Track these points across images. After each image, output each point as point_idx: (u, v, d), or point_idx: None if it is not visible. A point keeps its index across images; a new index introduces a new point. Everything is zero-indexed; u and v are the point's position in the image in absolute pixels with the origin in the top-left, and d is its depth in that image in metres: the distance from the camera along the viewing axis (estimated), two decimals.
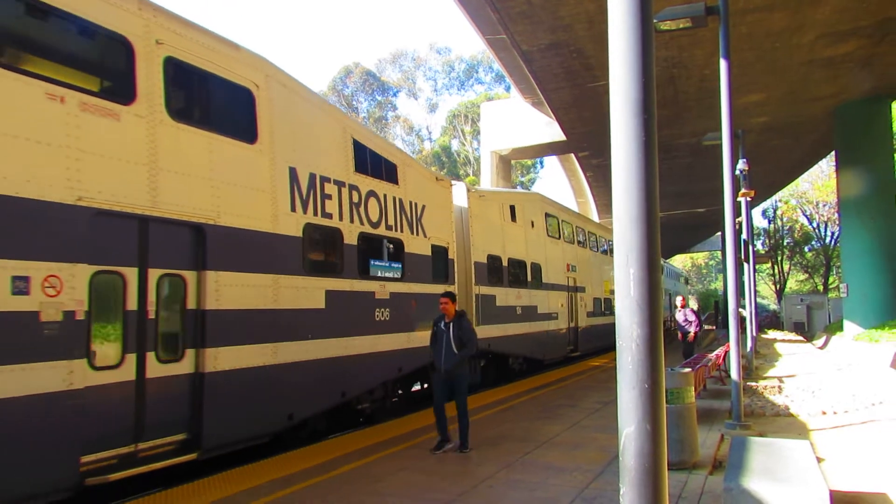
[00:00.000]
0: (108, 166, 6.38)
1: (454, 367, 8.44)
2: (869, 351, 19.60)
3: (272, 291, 8.39)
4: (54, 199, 5.85)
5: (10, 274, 5.44)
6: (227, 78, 8.06)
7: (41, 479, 5.63)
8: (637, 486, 2.45)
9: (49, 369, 5.68)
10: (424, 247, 12.31)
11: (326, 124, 9.98)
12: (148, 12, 6.99)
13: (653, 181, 2.52)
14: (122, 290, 6.56)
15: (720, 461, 7.53)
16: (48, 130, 5.86)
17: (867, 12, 17.26)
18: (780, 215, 59.05)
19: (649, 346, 2.48)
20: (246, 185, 8.12)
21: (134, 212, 6.61)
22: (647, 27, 2.53)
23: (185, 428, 7.11)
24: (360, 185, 10.42)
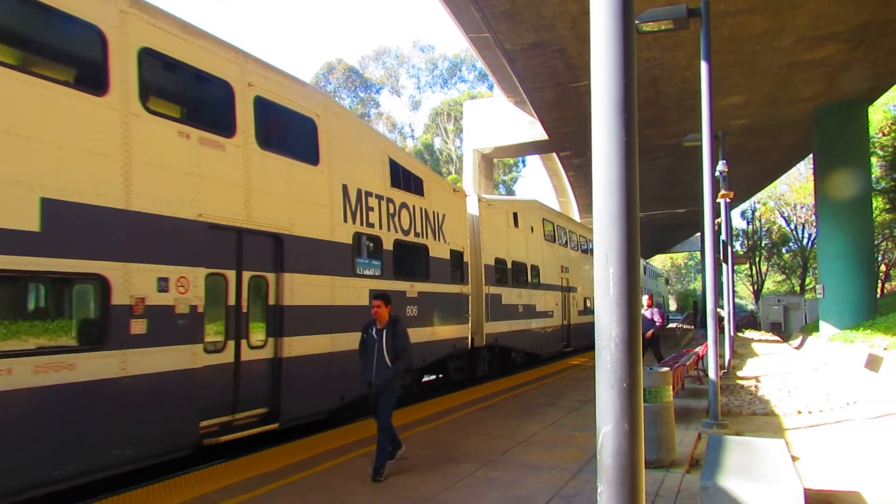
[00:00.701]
0: (217, 188, 7.93)
1: (387, 383, 7.20)
2: (844, 351, 19.87)
3: (330, 290, 9.97)
4: (184, 216, 7.40)
5: (155, 276, 7.00)
6: (297, 110, 9.63)
7: (178, 437, 7.23)
8: (614, 485, 2.47)
9: (180, 351, 7.25)
10: (445, 251, 13.96)
11: (368, 145, 11.56)
12: (241, 59, 8.60)
13: (633, 181, 2.53)
14: (224, 288, 8.10)
15: (697, 459, 7.59)
16: (180, 161, 7.41)
17: (845, 18, 17.48)
18: (758, 217, 59.71)
19: (628, 345, 2.49)
20: (311, 200, 9.68)
21: (234, 224, 8.17)
22: (629, 28, 2.55)
23: (267, 403, 8.62)
24: (394, 198, 12.00)
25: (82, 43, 6.81)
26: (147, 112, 7.09)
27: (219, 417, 7.84)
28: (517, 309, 18.52)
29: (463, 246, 14.87)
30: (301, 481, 6.88)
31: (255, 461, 7.78)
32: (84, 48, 6.82)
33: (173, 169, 7.31)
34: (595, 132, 2.57)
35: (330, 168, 10.15)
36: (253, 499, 6.29)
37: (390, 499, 6.32)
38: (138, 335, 6.75)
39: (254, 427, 8.29)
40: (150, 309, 6.90)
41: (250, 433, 8.18)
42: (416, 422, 10.33)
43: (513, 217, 18.85)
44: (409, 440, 8.92)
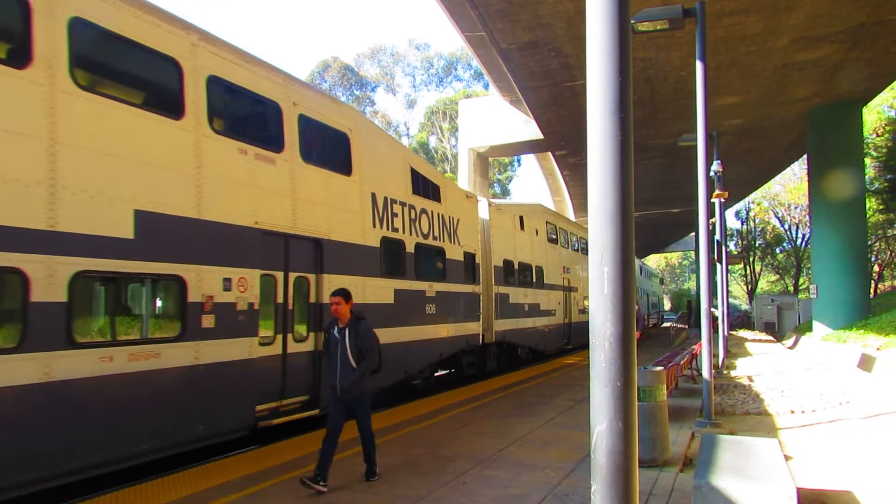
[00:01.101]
0: (269, 198, 8.91)
1: (352, 386, 6.68)
2: (837, 351, 19.94)
3: (361, 289, 10.85)
4: (243, 223, 8.41)
5: (221, 276, 7.98)
6: (333, 126, 10.62)
7: (239, 418, 8.23)
8: (608, 484, 2.47)
9: (241, 343, 8.23)
10: (459, 253, 14.97)
11: (393, 156, 12.58)
12: (288, 81, 9.68)
13: (628, 180, 2.53)
14: (274, 288, 9.06)
15: (691, 459, 7.62)
16: (240, 175, 8.44)
17: (840, 19, 17.52)
18: (752, 217, 59.88)
19: (622, 344, 2.49)
20: (345, 208, 10.68)
21: (283, 231, 9.13)
22: (624, 28, 2.54)
23: (308, 391, 9.62)
24: (415, 205, 13.02)
25: (163, 73, 7.74)
26: (214, 132, 8.09)
27: (270, 403, 8.85)
28: (523, 308, 19.55)
29: (475, 248, 15.96)
30: (294, 480, 6.87)
31: (247, 459, 7.77)
32: (164, 77, 7.78)
33: (235, 182, 8.37)
34: (590, 131, 2.57)
35: (361, 178, 11.17)
36: (246, 497, 6.29)
37: (384, 497, 6.32)
38: (208, 328, 7.78)
39: (297, 412, 9.28)
40: (217, 306, 7.93)
41: (294, 418, 9.19)
42: (409, 420, 10.33)
43: (519, 220, 19.83)
44: (403, 439, 8.93)
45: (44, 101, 6.14)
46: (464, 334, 15.14)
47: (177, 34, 7.67)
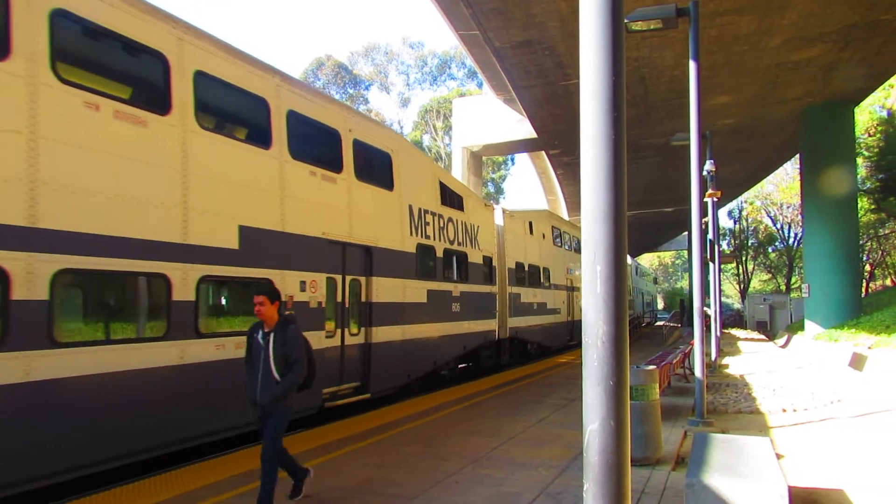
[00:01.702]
0: (331, 213, 10.40)
1: (273, 403, 5.69)
2: (828, 350, 20.04)
3: (401, 290, 12.35)
4: (313, 234, 9.89)
5: (298, 279, 9.47)
6: (380, 148, 12.05)
7: (311, 399, 9.50)
8: (600, 482, 2.47)
9: (313, 336, 9.25)
10: (479, 257, 16.42)
11: (425, 171, 14.01)
12: (345, 111, 11.39)
13: (621, 179, 2.53)
14: (335, 289, 10.47)
15: (683, 457, 7.64)
16: (311, 194, 9.90)
17: (832, 19, 17.59)
18: (745, 216, 60.10)
19: (615, 343, 2.49)
20: (388, 219, 12.13)
21: (341, 240, 10.57)
22: (617, 27, 2.54)
23: (360, 378, 11.06)
24: (443, 214, 14.47)
25: (257, 111, 9.14)
26: (293, 159, 9.50)
27: (331, 387, 10.32)
28: (532, 306, 21.08)
29: (492, 252, 17.37)
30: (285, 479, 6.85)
31: (239, 459, 7.75)
32: (257, 115, 9.19)
33: (307, 200, 9.83)
34: (583, 130, 2.57)
35: (401, 192, 12.61)
36: (237, 496, 6.27)
37: (376, 496, 6.31)
38: None
39: (351, 396, 10.73)
40: (296, 304, 9.40)
41: (349, 401, 10.63)
42: (403, 419, 10.33)
43: (529, 225, 21.36)
44: (397, 438, 8.93)
45: (178, 143, 7.64)
46: (483, 330, 16.52)
47: (262, 77, 9.22)
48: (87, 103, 6.59)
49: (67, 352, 6.24)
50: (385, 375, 11.70)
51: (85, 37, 6.87)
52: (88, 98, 6.61)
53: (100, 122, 6.70)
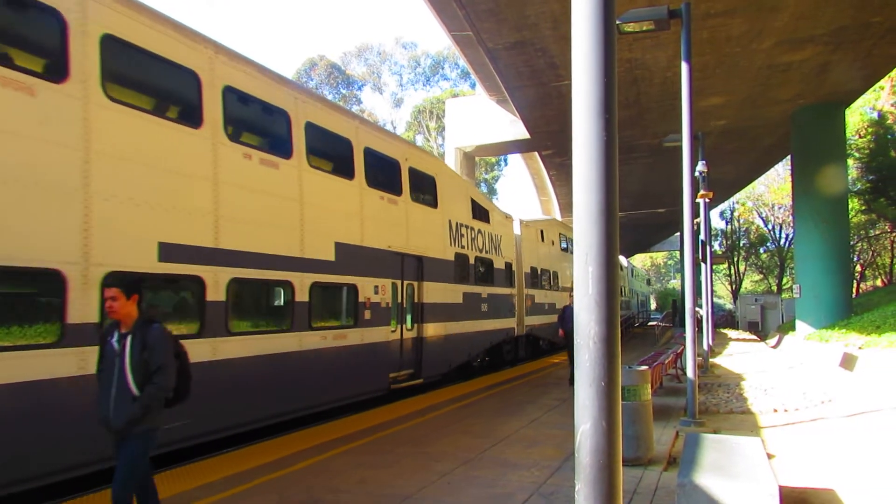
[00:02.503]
0: (394, 229, 12.47)
1: (130, 423, 4.53)
2: (819, 350, 20.13)
3: (443, 292, 14.50)
4: (382, 247, 12.02)
5: (373, 284, 11.55)
6: (428, 173, 14.20)
7: (380, 382, 11.90)
8: (592, 483, 2.48)
9: (382, 330, 11.86)
10: (501, 263, 18.63)
11: (460, 190, 16.12)
12: (403, 144, 13.81)
13: (613, 181, 2.54)
14: (396, 291, 12.49)
15: (675, 457, 7.66)
16: (380, 214, 12.02)
17: (823, 21, 17.67)
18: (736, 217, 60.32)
19: (607, 343, 2.50)
20: (434, 232, 14.31)
21: (401, 251, 12.64)
22: (609, 29, 2.55)
23: (413, 366, 13.09)
24: (473, 226, 16.60)
25: (345, 150, 11.21)
26: (368, 186, 11.62)
27: (394, 373, 12.30)
28: (544, 307, 23.30)
29: (511, 258, 19.57)
30: (279, 479, 6.85)
31: (233, 459, 7.73)
32: (346, 153, 11.23)
33: (378, 219, 11.90)
34: (575, 132, 2.58)
35: (443, 210, 14.75)
36: (231, 496, 6.26)
37: (368, 496, 6.31)
38: (367, 319, 11.42)
39: (407, 381, 12.81)
40: (372, 304, 11.53)
41: (406, 385, 12.69)
42: (396, 420, 10.32)
43: (540, 233, 23.58)
44: (390, 438, 8.92)
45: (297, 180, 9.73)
46: (504, 328, 18.62)
47: (348, 122, 11.42)
48: (256, 157, 9.03)
49: (236, 339, 8.42)
50: (432, 364, 13.77)
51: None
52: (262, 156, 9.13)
53: (251, 167, 8.88)
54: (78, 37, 6.59)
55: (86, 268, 6.42)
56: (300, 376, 9.58)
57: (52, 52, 6.55)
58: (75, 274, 6.29)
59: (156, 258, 7.30)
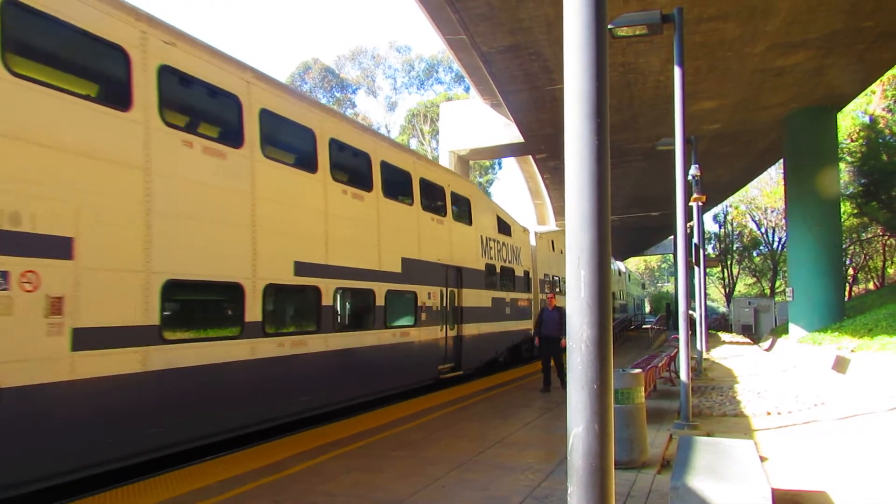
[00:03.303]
0: (441, 244, 14.55)
1: None
2: (812, 353, 20.20)
3: (476, 298, 16.55)
4: (434, 260, 14.09)
5: (427, 291, 13.64)
6: (464, 195, 16.35)
7: (431, 372, 13.98)
8: (584, 485, 2.48)
9: (434, 329, 14.05)
10: (521, 271, 20.75)
11: (488, 209, 18.25)
12: (448, 173, 16.26)
13: (605, 184, 2.55)
14: (443, 297, 14.54)
15: (668, 460, 7.67)
16: (432, 232, 14.11)
17: (815, 26, 17.78)
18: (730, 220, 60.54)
19: (599, 347, 2.51)
20: (470, 246, 16.44)
21: (446, 263, 14.77)
22: (601, 33, 2.57)
23: (455, 360, 15.18)
24: (499, 240, 18.68)
25: (407, 180, 13.35)
26: (423, 210, 13.86)
27: (441, 365, 14.47)
28: None
29: (529, 267, 21.73)
30: (274, 483, 6.83)
31: (228, 463, 7.71)
32: (408, 182, 13.37)
33: (431, 237, 14.05)
34: (567, 136, 2.59)
35: (476, 226, 16.88)
36: (225, 500, 6.23)
37: (362, 500, 6.30)
38: (423, 320, 13.61)
39: (451, 372, 14.93)
40: (426, 308, 13.74)
41: (449, 375, 14.86)
42: (390, 423, 10.31)
43: (551, 243, 25.54)
44: (384, 442, 8.91)
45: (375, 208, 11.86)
46: (523, 329, 20.32)
47: (407, 157, 13.67)
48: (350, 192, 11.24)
49: (339, 335, 10.64)
50: (469, 359, 15.90)
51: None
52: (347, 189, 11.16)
53: (347, 200, 11.04)
54: (248, 113, 8.82)
55: (254, 281, 8.65)
56: (379, 365, 11.84)
57: (234, 129, 8.66)
58: (248, 286, 8.55)
59: (292, 273, 9.55)
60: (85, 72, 7.16)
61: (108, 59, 7.10)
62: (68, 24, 6.47)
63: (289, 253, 9.47)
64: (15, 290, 5.76)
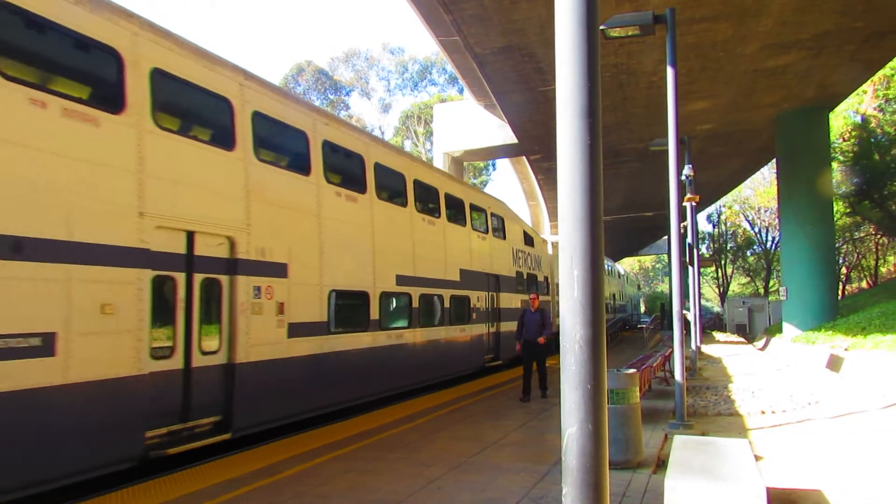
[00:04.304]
0: (484, 257, 17.61)
1: None
2: (806, 352, 20.26)
3: (509, 300, 19.38)
4: (480, 270, 17.22)
5: (476, 295, 16.87)
6: (501, 215, 19.53)
7: (479, 362, 17.16)
8: (579, 486, 2.49)
9: (481, 326, 17.24)
10: (541, 277, 23.62)
11: (517, 224, 21.35)
12: (487, 197, 19.65)
13: (597, 184, 2.56)
14: (486, 300, 17.49)
15: (664, 460, 7.68)
16: (477, 247, 17.14)
17: (806, 26, 17.86)
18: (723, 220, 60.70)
19: (592, 347, 2.51)
20: (504, 258, 19.42)
21: (489, 272, 17.85)
22: (592, 34, 2.57)
23: (494, 352, 18.09)
24: (525, 250, 21.60)
25: (460, 205, 16.46)
26: (473, 230, 16.84)
27: (485, 356, 17.52)
28: None
29: (547, 272, 24.66)
30: (269, 486, 6.81)
31: (224, 465, 7.69)
32: (461, 207, 16.43)
33: (477, 251, 17.08)
34: (560, 136, 2.60)
35: (508, 240, 20.01)
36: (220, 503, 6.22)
37: (359, 502, 6.29)
38: (474, 318, 16.47)
39: (492, 362, 17.88)
40: (476, 309, 16.66)
41: (491, 364, 17.85)
42: (386, 425, 10.30)
43: None
44: (380, 444, 8.90)
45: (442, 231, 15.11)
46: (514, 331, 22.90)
47: (460, 189, 16.96)
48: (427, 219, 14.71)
49: (422, 330, 13.72)
50: (504, 351, 18.55)
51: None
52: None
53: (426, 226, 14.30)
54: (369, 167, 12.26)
55: (374, 290, 11.90)
56: (445, 354, 14.92)
57: (362, 184, 11.95)
58: (371, 293, 11.79)
59: (395, 283, 12.73)
60: (291, 160, 10.23)
61: (295, 141, 10.29)
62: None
63: (393, 268, 12.68)
64: (263, 299, 8.86)
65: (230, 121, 8.59)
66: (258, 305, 8.72)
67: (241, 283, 8.47)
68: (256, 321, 8.68)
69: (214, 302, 8.20)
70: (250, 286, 8.62)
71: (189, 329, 7.77)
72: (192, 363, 7.79)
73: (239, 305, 8.41)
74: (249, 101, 8.93)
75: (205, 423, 8.01)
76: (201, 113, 8.65)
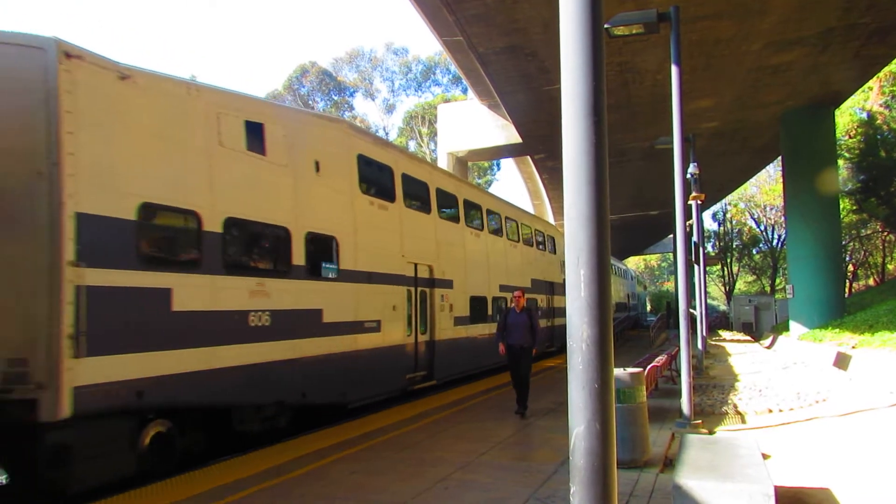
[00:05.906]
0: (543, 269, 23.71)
1: None
2: (813, 350, 20.20)
3: (549, 299, 23.62)
4: (542, 279, 23.28)
5: (537, 296, 22.05)
6: (553, 235, 25.86)
7: (541, 349, 20.72)
8: (587, 485, 2.48)
9: (546, 321, 22.63)
10: (561, 279, 25.77)
11: (559, 238, 25.62)
12: (542, 223, 26.30)
13: (603, 183, 2.55)
14: (544, 301, 23.16)
15: (671, 459, 7.66)
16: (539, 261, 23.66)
17: (810, 23, 17.79)
18: (729, 218, 60.53)
19: (599, 346, 2.51)
20: (554, 269, 24.56)
21: (543, 280, 23.35)
22: (597, 32, 2.56)
23: (549, 340, 22.99)
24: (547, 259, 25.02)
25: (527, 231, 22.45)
26: (537, 249, 23.29)
27: (545, 342, 21.85)
28: None
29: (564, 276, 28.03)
30: (274, 487, 6.82)
31: (230, 467, 7.70)
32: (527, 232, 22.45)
33: (538, 264, 23.09)
34: (565, 135, 2.59)
35: (558, 254, 24.47)
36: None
37: (364, 502, 6.29)
38: (540, 315, 18.27)
39: (549, 348, 22.99)
40: (540, 307, 21.86)
41: (547, 350, 22.67)
42: (391, 425, 10.29)
43: None
44: (385, 444, 8.90)
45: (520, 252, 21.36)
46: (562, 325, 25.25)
47: (526, 218, 23.07)
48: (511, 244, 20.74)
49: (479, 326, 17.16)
50: (558, 340, 23.20)
51: None
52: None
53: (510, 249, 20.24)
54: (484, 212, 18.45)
55: (489, 295, 17.46)
56: None
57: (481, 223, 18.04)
58: (488, 297, 17.34)
59: (498, 290, 18.09)
60: (452, 215, 16.34)
61: (453, 204, 16.48)
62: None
63: (497, 280, 18.19)
64: (444, 302, 14.71)
65: (428, 196, 14.69)
66: (442, 306, 14.58)
67: (437, 293, 14.30)
68: (441, 315, 14.49)
69: (426, 304, 13.92)
70: (439, 294, 14.41)
71: (417, 319, 13.41)
72: (418, 339, 13.42)
73: (436, 306, 14.22)
74: (434, 181, 15.16)
75: (421, 374, 13.51)
76: (418, 195, 14.15)
